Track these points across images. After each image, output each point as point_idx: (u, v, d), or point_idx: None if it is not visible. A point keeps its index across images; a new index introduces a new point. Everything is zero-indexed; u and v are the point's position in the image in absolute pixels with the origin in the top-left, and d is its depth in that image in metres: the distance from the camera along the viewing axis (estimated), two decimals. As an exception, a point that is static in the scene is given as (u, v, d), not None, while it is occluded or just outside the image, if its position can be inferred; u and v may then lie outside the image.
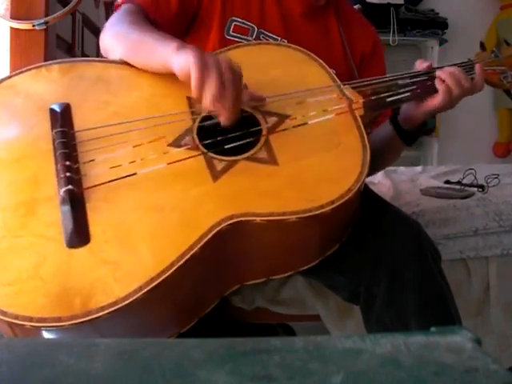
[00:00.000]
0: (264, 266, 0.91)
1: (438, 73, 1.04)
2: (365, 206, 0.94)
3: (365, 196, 0.93)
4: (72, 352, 0.39)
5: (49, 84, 0.93)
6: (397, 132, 1.10)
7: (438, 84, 1.02)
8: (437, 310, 0.93)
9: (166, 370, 0.36)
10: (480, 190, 1.59)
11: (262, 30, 1.12)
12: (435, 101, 1.03)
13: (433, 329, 0.42)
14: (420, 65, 1.07)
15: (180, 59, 0.84)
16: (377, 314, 0.93)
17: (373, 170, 1.29)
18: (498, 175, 1.71)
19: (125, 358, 0.38)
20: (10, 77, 0.93)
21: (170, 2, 1.06)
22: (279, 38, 1.11)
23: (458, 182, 1.72)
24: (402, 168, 2.23)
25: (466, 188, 1.63)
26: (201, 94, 0.82)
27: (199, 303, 0.87)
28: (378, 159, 1.19)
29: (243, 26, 1.12)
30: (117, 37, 0.99)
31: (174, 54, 0.86)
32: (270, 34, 1.12)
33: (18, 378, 0.36)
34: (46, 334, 0.70)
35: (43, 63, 0.97)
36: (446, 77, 1.02)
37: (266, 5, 1.15)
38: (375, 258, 0.93)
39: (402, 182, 1.88)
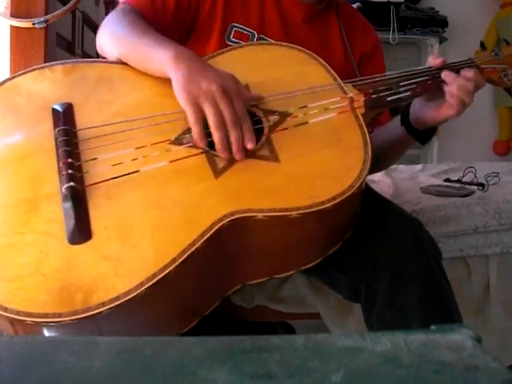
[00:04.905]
0: (266, 264, 0.91)
1: (448, 88, 1.01)
2: (365, 203, 0.94)
3: (365, 194, 0.93)
4: (72, 350, 0.39)
5: (51, 84, 0.93)
6: (413, 135, 1.09)
7: (449, 98, 1.00)
8: (437, 308, 0.93)
9: (166, 369, 0.36)
10: (480, 188, 1.60)
11: (262, 36, 1.13)
12: (450, 111, 1.00)
13: (433, 327, 0.42)
14: (433, 60, 1.06)
15: (175, 78, 0.86)
16: (378, 311, 0.93)
17: (377, 169, 1.29)
18: (498, 173, 1.72)
19: (125, 356, 0.38)
20: (12, 77, 0.93)
21: (165, 10, 1.07)
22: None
23: (458, 180, 1.72)
24: (402, 166, 2.23)
25: (466, 186, 1.63)
26: (200, 131, 0.84)
27: (201, 302, 0.87)
28: (385, 158, 1.19)
29: (243, 31, 1.12)
30: (114, 38, 1.00)
31: (169, 65, 0.87)
32: (271, 40, 1.12)
33: (18, 377, 0.36)
34: (47, 331, 0.71)
35: (46, 64, 0.97)
36: (455, 91, 1.00)
37: (266, 10, 1.15)
38: (376, 255, 0.93)
39: (402, 180, 1.88)
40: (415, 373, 0.35)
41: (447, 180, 1.78)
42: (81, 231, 0.75)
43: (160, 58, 0.89)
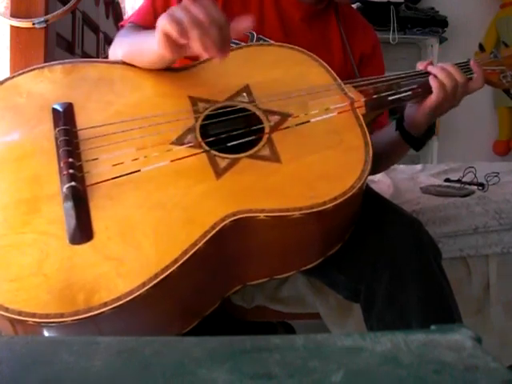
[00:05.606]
0: (267, 265, 0.91)
1: (429, 69, 1.04)
2: (365, 203, 0.94)
3: (365, 194, 0.93)
4: (72, 350, 0.39)
5: (51, 84, 0.93)
6: (405, 139, 1.10)
7: (431, 81, 1.02)
8: (437, 308, 0.93)
9: (166, 369, 0.36)
10: (480, 188, 1.60)
11: (262, 36, 1.12)
12: (432, 98, 1.02)
13: (433, 327, 0.42)
14: (421, 65, 1.07)
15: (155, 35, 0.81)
16: (377, 311, 0.93)
17: (375, 171, 1.29)
18: (498, 173, 1.72)
19: (125, 356, 0.38)
20: (12, 77, 0.93)
21: None
22: None
23: (458, 181, 1.72)
24: (402, 166, 2.23)
25: (466, 186, 1.64)
26: (186, 39, 0.77)
27: (201, 302, 0.87)
28: (382, 162, 1.19)
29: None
30: (117, 45, 1.03)
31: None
32: (270, 40, 1.12)
33: (18, 377, 0.36)
34: (47, 331, 0.71)
35: (46, 64, 0.97)
36: (437, 72, 1.02)
37: (265, 10, 1.15)
38: (376, 256, 0.94)
39: (402, 180, 1.88)
40: (415, 373, 0.35)
41: (447, 180, 1.78)
42: (82, 231, 0.75)
43: (152, 39, 0.87)
